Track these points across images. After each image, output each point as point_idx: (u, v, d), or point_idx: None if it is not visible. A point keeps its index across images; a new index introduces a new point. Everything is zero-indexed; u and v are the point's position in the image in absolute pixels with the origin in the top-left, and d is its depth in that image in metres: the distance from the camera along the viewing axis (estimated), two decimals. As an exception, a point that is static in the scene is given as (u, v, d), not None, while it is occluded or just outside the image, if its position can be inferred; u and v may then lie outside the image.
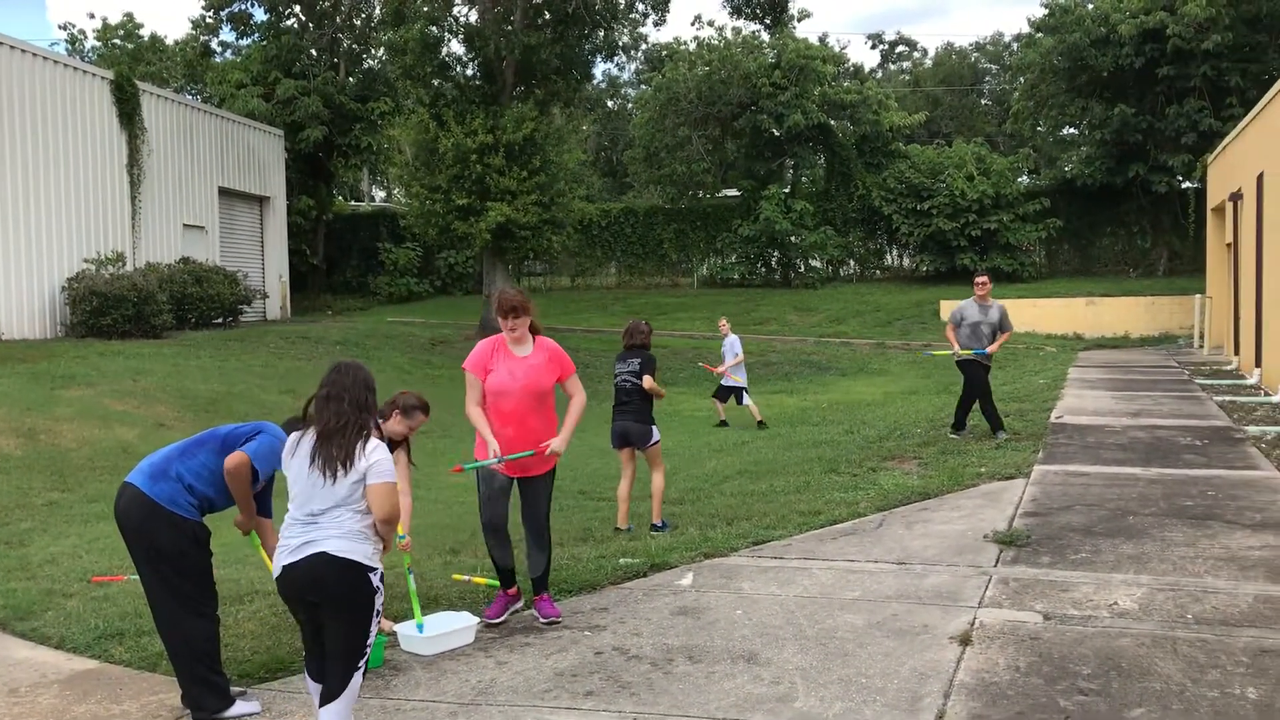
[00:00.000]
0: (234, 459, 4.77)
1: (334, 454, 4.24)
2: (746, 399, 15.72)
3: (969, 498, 8.87)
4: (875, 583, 6.50)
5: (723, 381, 15.85)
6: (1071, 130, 36.16)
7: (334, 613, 4.24)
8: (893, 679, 4.95)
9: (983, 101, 52.40)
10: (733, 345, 15.65)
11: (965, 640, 5.39)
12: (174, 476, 4.80)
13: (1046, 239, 32.62)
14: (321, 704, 4.29)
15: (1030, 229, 31.61)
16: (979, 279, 12.14)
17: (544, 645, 5.64)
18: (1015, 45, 47.59)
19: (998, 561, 6.86)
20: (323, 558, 4.18)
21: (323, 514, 4.25)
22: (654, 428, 8.36)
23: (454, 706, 4.83)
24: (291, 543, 4.26)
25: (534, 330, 6.08)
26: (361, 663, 4.30)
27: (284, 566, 4.26)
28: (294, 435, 4.45)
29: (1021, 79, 35.27)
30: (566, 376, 6.07)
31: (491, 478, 6.01)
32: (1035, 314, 27.37)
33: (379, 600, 4.31)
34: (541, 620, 5.94)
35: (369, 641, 4.32)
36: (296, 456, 4.36)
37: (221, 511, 4.99)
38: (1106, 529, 7.60)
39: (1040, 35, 32.54)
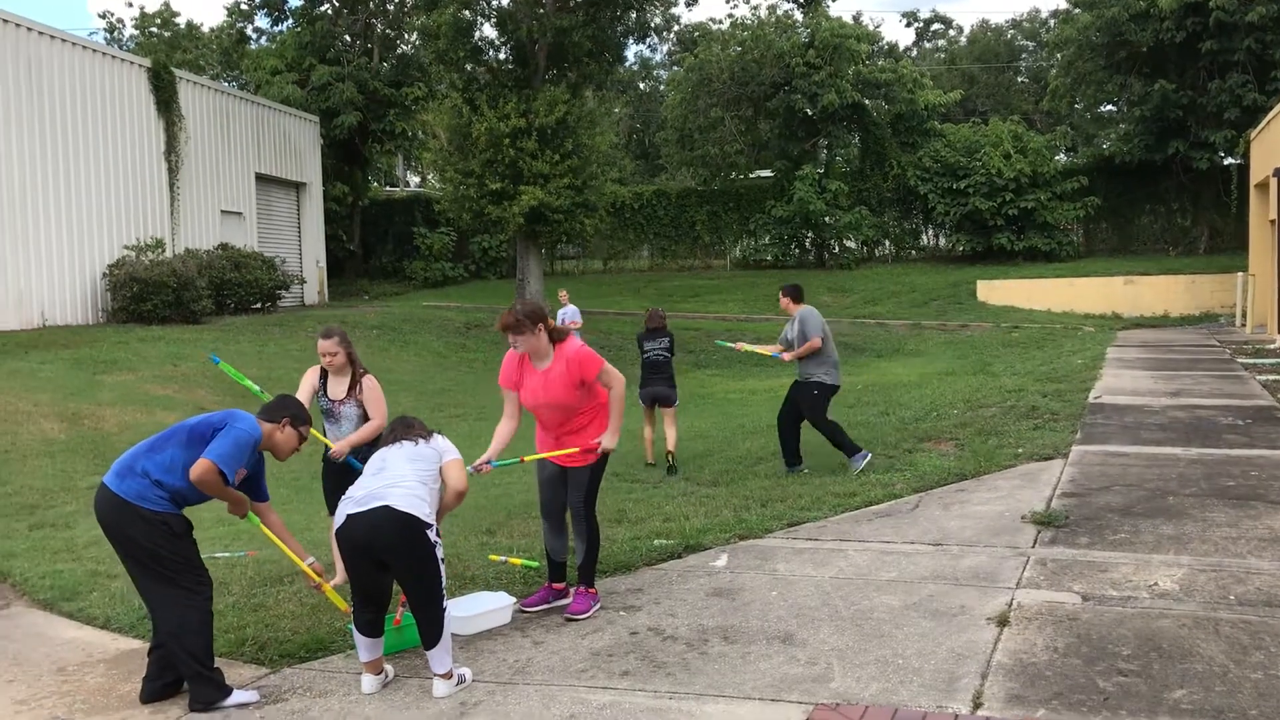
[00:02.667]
0: (198, 469, 4.69)
1: (422, 435, 5.16)
2: None
3: (1006, 479, 8.81)
4: (911, 564, 6.48)
5: None
6: (1110, 107, 35.70)
7: (399, 560, 4.71)
8: (929, 659, 4.94)
9: (1019, 79, 51.81)
10: (574, 314, 18.83)
11: (1003, 621, 5.36)
12: (140, 473, 4.77)
13: (1084, 217, 32.26)
14: (426, 647, 4.81)
15: (1068, 208, 31.26)
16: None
17: (580, 626, 5.67)
18: (1052, 21, 46.93)
19: (1035, 542, 6.82)
20: (385, 510, 4.68)
21: (391, 468, 4.87)
22: (676, 390, 10.90)
23: (492, 686, 4.87)
24: (357, 494, 4.81)
25: (557, 337, 5.91)
26: (442, 606, 4.78)
27: (348, 516, 4.75)
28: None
29: (1059, 55, 34.81)
30: (592, 377, 5.84)
31: (542, 466, 6.02)
32: (1073, 293, 27.10)
33: (439, 551, 4.82)
34: (564, 615, 5.82)
35: (442, 589, 4.79)
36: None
37: (200, 505, 4.99)
38: (1146, 509, 7.52)
39: (1078, 11, 32.09)
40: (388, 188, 45.69)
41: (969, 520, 7.46)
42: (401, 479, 4.85)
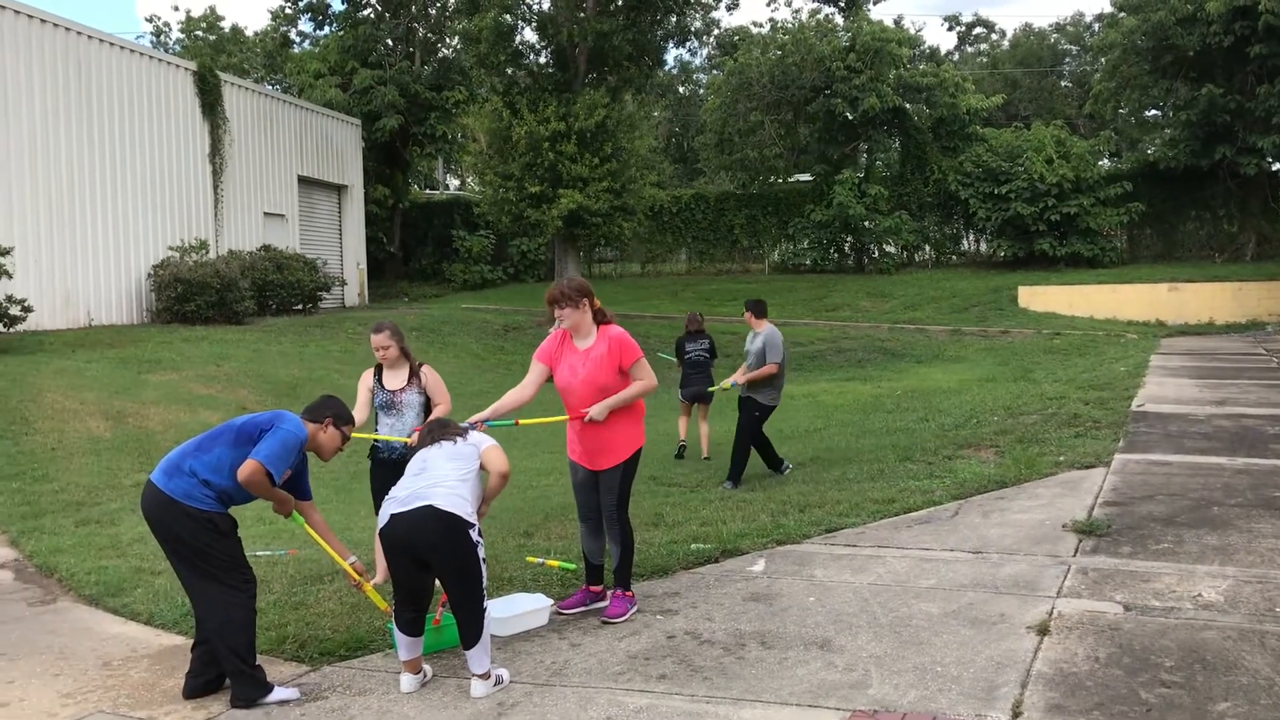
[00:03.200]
0: (246, 470, 4.77)
1: (458, 432, 5.24)
2: None
3: (1047, 486, 8.73)
4: (951, 571, 6.43)
5: None
6: (1155, 112, 35.26)
7: (441, 560, 4.78)
8: (968, 668, 4.90)
9: (1062, 83, 51.31)
10: None
11: (1043, 630, 5.31)
12: (188, 472, 4.83)
13: (1128, 223, 31.88)
14: (465, 647, 4.86)
15: (1111, 213, 30.90)
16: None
17: (617, 628, 5.68)
18: (1096, 25, 46.54)
19: (1076, 551, 6.75)
20: (429, 510, 4.76)
21: (433, 467, 4.94)
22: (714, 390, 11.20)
23: (529, 687, 4.89)
24: (400, 494, 4.88)
25: (601, 319, 5.93)
26: (483, 607, 4.84)
27: (392, 515, 4.81)
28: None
29: (1103, 60, 34.47)
30: (629, 364, 5.81)
31: (575, 470, 6.03)
32: (1116, 300, 26.79)
33: (481, 551, 4.89)
34: (601, 618, 5.81)
35: (483, 589, 4.86)
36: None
37: (248, 504, 5.07)
38: (1190, 519, 7.42)
39: (1123, 15, 31.74)
40: (428, 191, 46.02)
41: (1009, 528, 7.40)
42: (443, 479, 4.91)
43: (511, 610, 5.71)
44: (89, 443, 11.63)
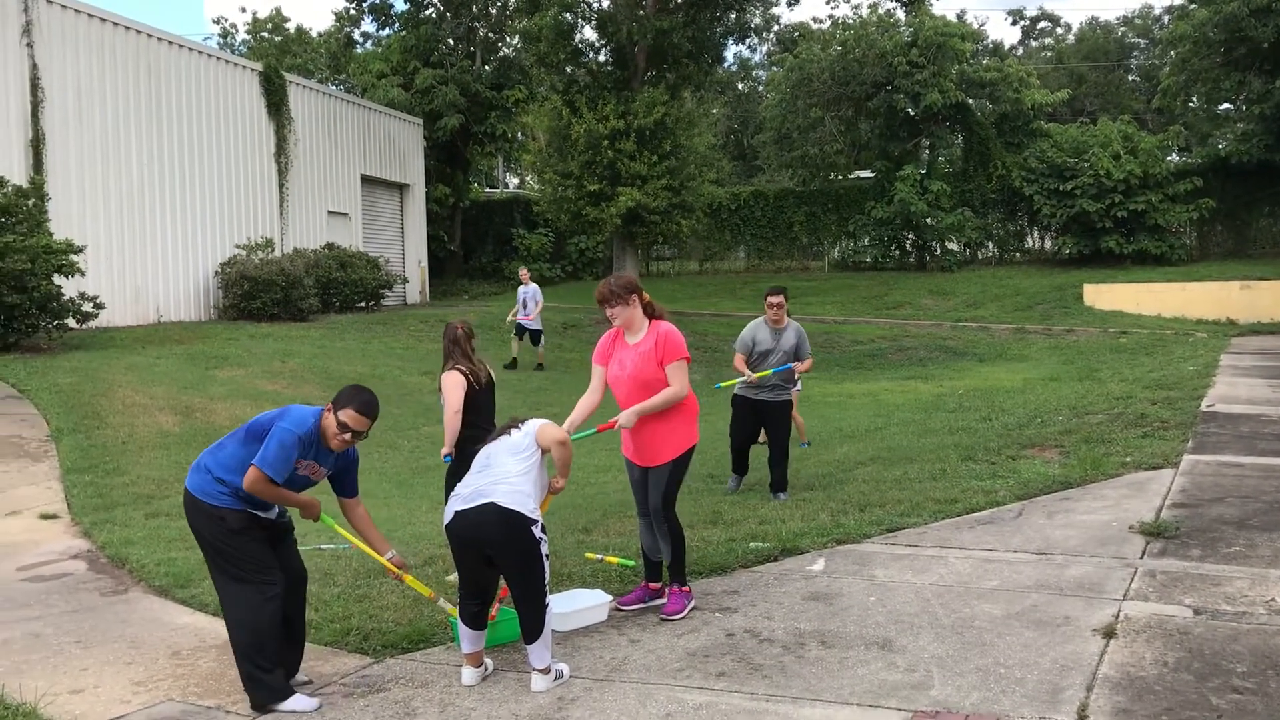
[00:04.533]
0: (247, 479, 4.70)
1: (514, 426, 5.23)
2: (541, 342, 20.29)
3: (1113, 487, 8.58)
4: (1014, 572, 6.35)
5: (522, 322, 19.86)
6: (1226, 106, 34.47)
7: (506, 557, 4.85)
8: (1032, 670, 4.84)
9: (1129, 77, 50.34)
10: (535, 294, 19.77)
11: (1109, 633, 5.23)
12: (204, 469, 4.86)
13: (1198, 220, 31.16)
14: (526, 642, 4.90)
15: (1180, 210, 30.23)
16: (771, 298, 9.11)
17: (676, 625, 5.68)
18: (1166, 18, 45.53)
19: (1144, 553, 6.63)
20: (493, 508, 4.82)
21: (495, 462, 4.99)
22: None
23: (589, 682, 4.91)
24: (465, 491, 4.95)
25: (651, 313, 5.95)
26: (544, 602, 4.88)
27: (456, 513, 4.90)
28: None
29: (1172, 53, 33.69)
30: (668, 361, 5.78)
31: (631, 468, 6.07)
32: (1185, 298, 26.19)
33: (544, 547, 4.93)
34: (660, 615, 5.82)
35: (545, 584, 4.92)
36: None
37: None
38: (1263, 522, 7.25)
39: (1194, 6, 31.02)
40: (488, 189, 46.35)
41: (1074, 529, 7.28)
42: (505, 475, 4.96)
43: (571, 606, 5.74)
44: (158, 437, 11.88)
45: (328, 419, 4.85)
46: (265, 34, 44.19)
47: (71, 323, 16.47)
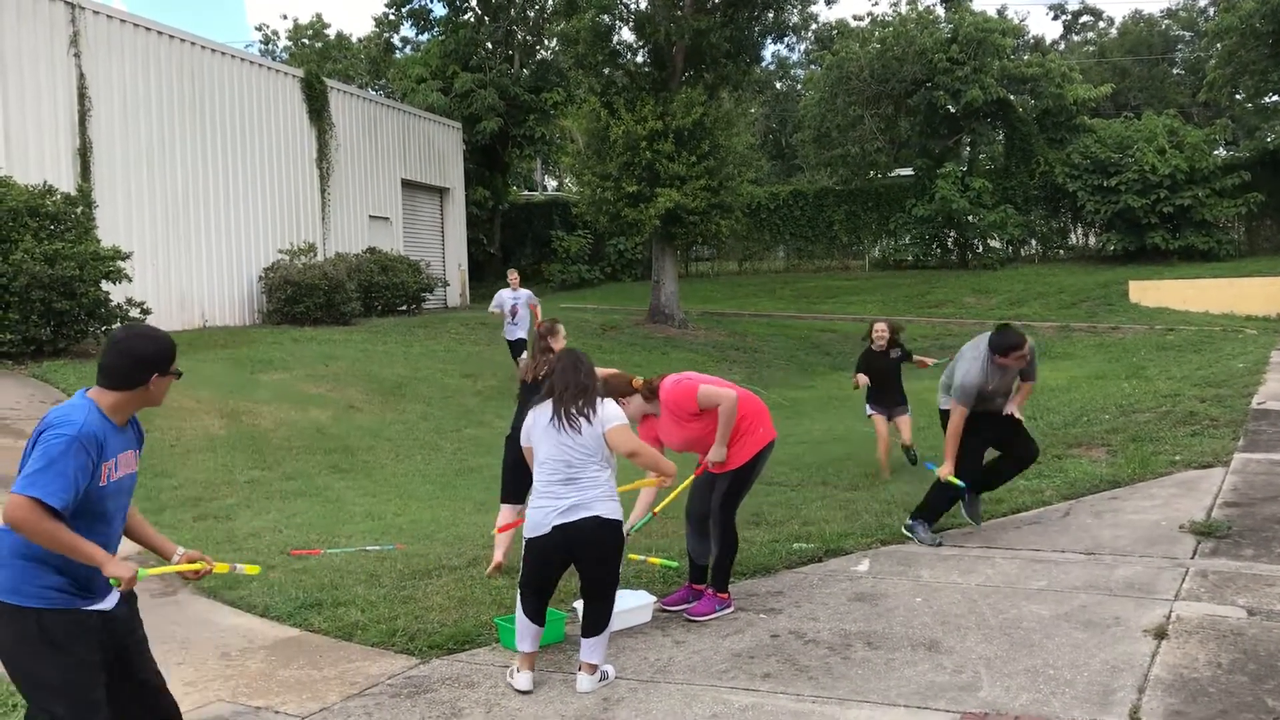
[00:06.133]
0: (9, 510, 3.24)
1: (576, 410, 4.89)
2: (524, 355, 17.16)
3: (1162, 486, 8.46)
4: (1062, 573, 6.28)
5: (512, 334, 16.69)
6: (1275, 98, 33.87)
7: (598, 564, 4.89)
8: (1082, 671, 4.78)
9: (1174, 71, 49.60)
10: (527, 299, 16.83)
11: (1160, 634, 5.15)
12: None
13: (1246, 214, 30.67)
14: (585, 635, 4.91)
15: (1228, 204, 29.76)
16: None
17: (720, 626, 5.67)
18: (1211, 10, 44.86)
19: (1195, 553, 6.53)
20: (596, 521, 4.82)
21: (581, 465, 4.83)
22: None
23: (634, 683, 4.91)
24: (560, 504, 4.82)
25: (648, 394, 5.83)
26: (614, 597, 5.00)
27: (554, 527, 4.81)
28: (532, 411, 5.07)
29: (1218, 45, 33.19)
30: (689, 405, 5.76)
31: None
32: (1233, 294, 25.78)
33: (624, 545, 5.05)
34: (685, 615, 5.83)
35: (618, 575, 5.04)
36: (536, 420, 5.00)
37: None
38: (1317, 522, 7.12)
39: (1241, -2, 30.58)
40: (526, 192, 46.50)
41: (1123, 529, 7.19)
42: (596, 481, 4.89)
43: (616, 606, 5.74)
44: (205, 440, 12.03)
45: (153, 387, 3.68)
46: (306, 40, 44.60)
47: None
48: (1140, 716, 4.30)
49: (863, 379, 10.18)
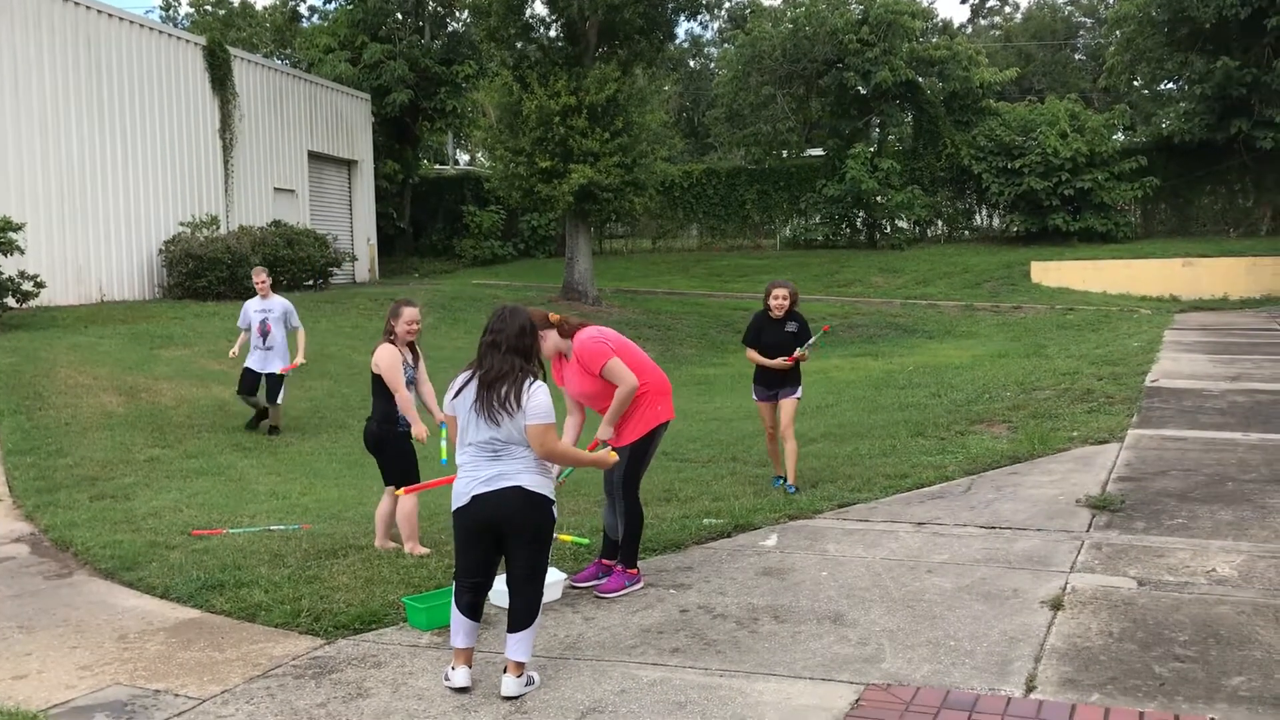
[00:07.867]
0: None
1: (496, 401, 4.58)
2: (280, 398, 12.26)
3: (1060, 462, 8.71)
4: (963, 546, 6.43)
5: (257, 364, 11.92)
6: (1170, 85, 34.92)
7: (521, 541, 4.63)
8: (982, 642, 4.90)
9: (1076, 57, 50.86)
10: (285, 314, 11.98)
11: (1056, 605, 5.32)
12: None
13: (1142, 198, 31.65)
14: (512, 630, 4.62)
15: (1125, 188, 30.68)
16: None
17: (630, 602, 5.69)
18: (1111, -2, 46.02)
19: (1090, 526, 6.74)
20: (518, 491, 4.59)
21: (505, 446, 4.60)
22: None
23: (543, 660, 4.90)
24: (481, 474, 4.61)
25: (565, 330, 5.86)
26: (542, 588, 4.73)
27: (473, 496, 4.61)
28: (460, 376, 4.73)
29: (1117, 32, 34.09)
30: (595, 370, 5.83)
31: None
32: (1129, 275, 26.64)
33: (553, 528, 4.83)
34: (594, 592, 5.85)
35: (547, 563, 4.79)
36: (461, 397, 4.69)
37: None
38: (1204, 495, 7.40)
39: (1138, -14, 31.39)
40: (438, 166, 45.90)
41: (1022, 503, 7.39)
42: (523, 455, 4.66)
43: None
44: (102, 418, 11.67)
45: None
46: (209, 8, 43.30)
47: (11, 302, 16.11)
48: (1036, 684, 4.43)
49: (754, 355, 8.38)
